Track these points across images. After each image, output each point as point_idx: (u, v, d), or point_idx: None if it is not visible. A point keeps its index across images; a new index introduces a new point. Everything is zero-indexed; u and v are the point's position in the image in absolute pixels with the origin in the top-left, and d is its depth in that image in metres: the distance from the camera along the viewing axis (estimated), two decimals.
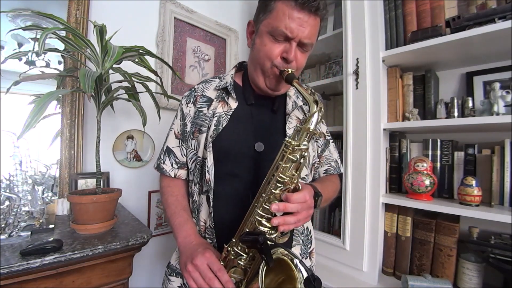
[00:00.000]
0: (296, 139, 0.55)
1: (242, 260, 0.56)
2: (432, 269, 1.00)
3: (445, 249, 0.97)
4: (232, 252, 0.57)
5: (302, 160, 0.54)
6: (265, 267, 0.48)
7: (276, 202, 0.52)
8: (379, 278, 1.07)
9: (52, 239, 0.71)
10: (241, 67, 0.82)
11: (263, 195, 0.55)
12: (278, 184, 0.54)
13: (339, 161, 0.86)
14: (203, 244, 0.64)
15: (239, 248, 0.56)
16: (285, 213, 0.53)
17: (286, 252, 0.52)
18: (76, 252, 0.69)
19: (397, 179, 1.15)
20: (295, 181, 0.54)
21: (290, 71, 0.63)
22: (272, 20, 0.62)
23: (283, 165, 0.54)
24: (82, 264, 0.72)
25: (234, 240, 0.57)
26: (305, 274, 0.49)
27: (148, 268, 1.38)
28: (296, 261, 0.51)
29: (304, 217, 0.54)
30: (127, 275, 0.83)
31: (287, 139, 0.55)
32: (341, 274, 1.13)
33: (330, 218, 1.37)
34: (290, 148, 0.54)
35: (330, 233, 1.30)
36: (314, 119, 0.54)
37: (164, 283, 0.76)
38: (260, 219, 0.54)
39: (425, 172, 1.01)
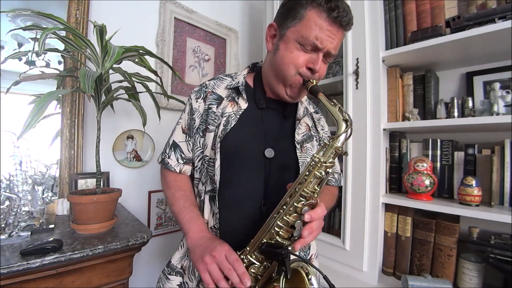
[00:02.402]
0: (322, 155, 0.56)
1: (255, 268, 0.56)
2: (432, 269, 1.00)
3: (445, 249, 0.97)
4: (245, 260, 0.57)
5: (325, 176, 0.56)
6: (284, 279, 0.49)
7: (308, 212, 0.54)
8: (379, 278, 1.07)
9: (52, 239, 0.71)
10: (253, 68, 0.81)
11: (285, 207, 0.56)
12: (301, 198, 0.55)
13: (341, 174, 0.87)
14: (218, 239, 0.63)
15: (253, 256, 0.57)
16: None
17: (307, 265, 0.54)
18: (76, 252, 0.69)
19: (397, 179, 1.15)
20: (315, 196, 0.55)
21: (314, 83, 0.63)
22: (302, 28, 0.61)
23: (309, 180, 0.55)
24: (82, 264, 0.72)
25: (248, 248, 0.57)
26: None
27: (148, 268, 1.38)
28: (312, 278, 0.52)
29: (319, 232, 0.57)
30: (127, 275, 0.83)
31: (315, 155, 0.56)
32: (341, 274, 1.13)
33: (330, 218, 1.37)
34: (318, 165, 0.54)
35: (330, 233, 1.30)
36: (342, 138, 0.55)
37: (160, 282, 0.75)
38: (278, 230, 0.55)
39: (425, 172, 1.01)
